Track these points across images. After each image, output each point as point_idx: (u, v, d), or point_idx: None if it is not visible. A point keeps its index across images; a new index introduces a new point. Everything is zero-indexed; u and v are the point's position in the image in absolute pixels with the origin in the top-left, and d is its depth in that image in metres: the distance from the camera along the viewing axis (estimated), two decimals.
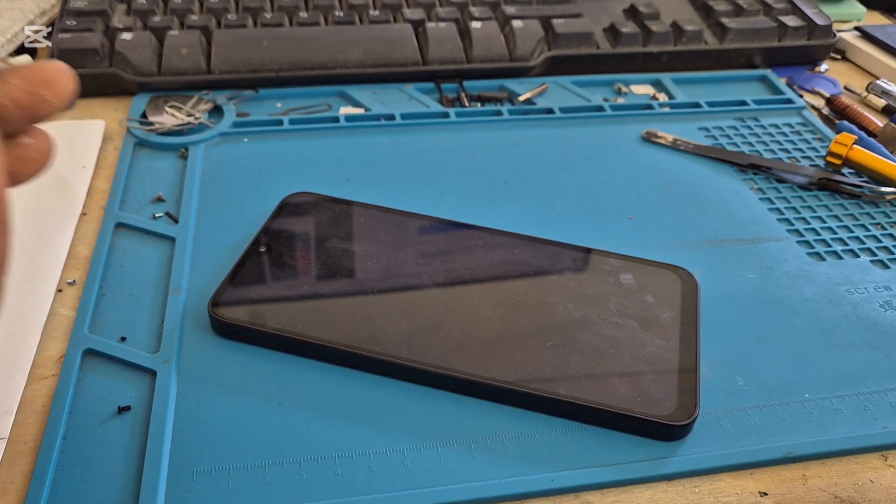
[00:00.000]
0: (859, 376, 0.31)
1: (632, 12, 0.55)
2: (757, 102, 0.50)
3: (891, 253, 0.38)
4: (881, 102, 0.51)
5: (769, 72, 0.53)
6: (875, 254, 0.38)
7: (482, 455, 0.27)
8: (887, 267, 0.37)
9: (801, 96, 0.51)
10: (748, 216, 0.40)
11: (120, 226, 0.37)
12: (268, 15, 0.51)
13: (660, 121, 0.48)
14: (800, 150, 0.46)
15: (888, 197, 0.42)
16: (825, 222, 0.40)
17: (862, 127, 0.48)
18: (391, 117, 0.46)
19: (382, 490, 0.26)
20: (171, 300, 0.33)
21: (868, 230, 0.39)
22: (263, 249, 0.34)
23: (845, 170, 0.44)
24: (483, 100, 0.49)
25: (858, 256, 0.38)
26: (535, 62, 0.51)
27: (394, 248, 0.35)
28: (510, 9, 0.53)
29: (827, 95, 0.51)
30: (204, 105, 0.46)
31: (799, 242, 0.38)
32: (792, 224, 0.40)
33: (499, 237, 0.36)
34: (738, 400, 0.30)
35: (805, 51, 0.54)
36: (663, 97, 0.50)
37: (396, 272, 0.34)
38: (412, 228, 0.36)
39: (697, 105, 0.49)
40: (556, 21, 0.52)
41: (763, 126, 0.48)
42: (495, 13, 0.53)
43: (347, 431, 0.28)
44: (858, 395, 0.30)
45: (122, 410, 0.28)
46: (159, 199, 0.39)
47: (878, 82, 0.52)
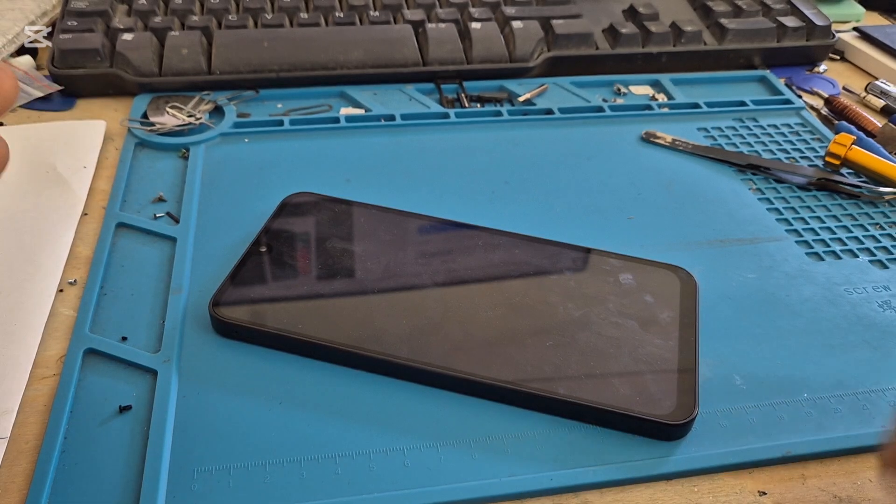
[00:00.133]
0: (858, 376, 0.31)
1: (631, 13, 0.55)
2: (756, 103, 0.50)
3: (889, 253, 0.38)
4: (880, 103, 0.51)
5: (768, 72, 0.53)
6: (874, 254, 0.38)
7: (482, 454, 0.27)
8: (886, 267, 0.37)
9: (800, 97, 0.51)
10: (747, 216, 0.40)
11: (121, 226, 0.37)
12: (268, 16, 0.51)
13: (659, 121, 0.48)
14: (798, 151, 0.46)
15: (887, 197, 0.42)
16: (824, 222, 0.40)
17: (861, 127, 0.48)
18: (391, 118, 0.46)
19: (383, 489, 0.26)
20: (172, 300, 0.33)
21: (867, 230, 0.40)
22: (264, 249, 0.34)
23: (844, 170, 0.44)
24: (483, 100, 0.49)
25: (857, 256, 0.38)
26: (535, 63, 0.51)
27: (394, 248, 0.35)
28: (510, 9, 0.53)
29: (826, 96, 0.51)
30: (205, 105, 0.46)
31: (798, 242, 0.38)
32: (791, 224, 0.40)
33: (499, 237, 0.36)
34: (737, 399, 0.30)
35: (804, 51, 0.55)
36: (662, 98, 0.50)
37: (396, 272, 0.34)
38: (412, 228, 0.36)
39: (696, 105, 0.49)
40: (556, 22, 0.52)
41: (762, 126, 0.48)
42: (495, 14, 0.54)
43: (348, 431, 0.28)
44: (857, 395, 0.30)
45: (123, 410, 0.28)
46: (160, 200, 0.39)
47: (877, 83, 0.52)
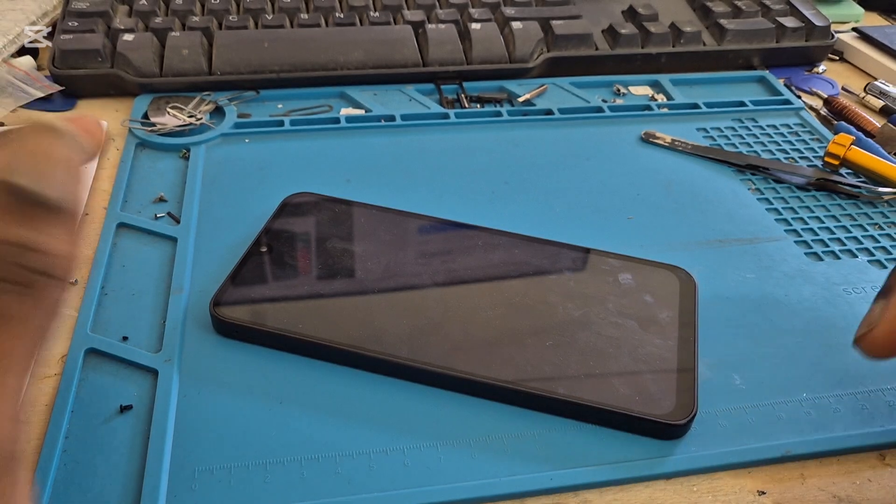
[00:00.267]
0: (857, 376, 0.31)
1: (630, 13, 0.55)
2: (755, 103, 0.50)
3: (888, 253, 0.38)
4: (879, 103, 0.51)
5: (767, 73, 0.54)
6: (873, 254, 0.38)
7: (482, 454, 0.27)
8: (885, 267, 0.37)
9: (799, 97, 0.52)
10: (746, 216, 0.40)
11: (122, 226, 0.37)
12: (269, 16, 0.51)
13: (658, 121, 0.48)
14: (798, 151, 0.46)
15: (886, 197, 0.42)
16: (823, 222, 0.40)
17: (860, 127, 0.48)
18: (391, 118, 0.46)
19: (383, 489, 0.26)
20: (173, 300, 0.33)
21: (866, 230, 0.40)
22: (264, 249, 0.34)
23: (843, 170, 0.44)
24: (483, 101, 0.49)
25: (856, 256, 0.38)
26: (535, 63, 0.51)
27: (394, 248, 0.35)
28: (509, 10, 0.53)
29: (825, 96, 0.51)
30: (205, 106, 0.46)
31: (797, 242, 0.38)
32: (790, 224, 0.40)
33: (498, 237, 0.36)
34: (737, 399, 0.30)
35: (803, 52, 0.55)
36: (662, 98, 0.50)
37: (397, 272, 0.34)
38: (412, 228, 0.36)
39: (696, 106, 0.49)
40: (556, 22, 0.52)
41: (761, 127, 0.48)
42: (495, 15, 0.54)
43: (348, 430, 0.28)
44: (856, 395, 0.30)
45: (124, 409, 0.28)
46: (161, 200, 0.39)
47: (876, 83, 0.52)
